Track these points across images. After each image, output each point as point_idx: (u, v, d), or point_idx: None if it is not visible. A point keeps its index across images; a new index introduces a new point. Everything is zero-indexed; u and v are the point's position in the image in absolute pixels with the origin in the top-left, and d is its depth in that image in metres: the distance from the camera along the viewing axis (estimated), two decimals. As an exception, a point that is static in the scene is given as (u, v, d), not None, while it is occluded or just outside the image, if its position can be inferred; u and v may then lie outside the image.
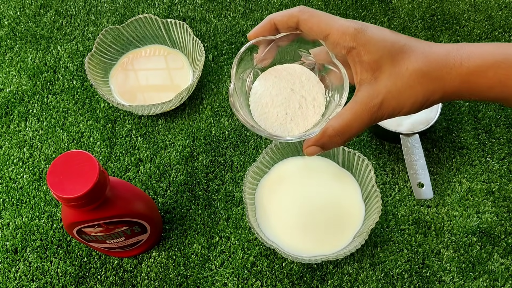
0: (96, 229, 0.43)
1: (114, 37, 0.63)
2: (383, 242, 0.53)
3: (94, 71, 0.61)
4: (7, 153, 0.60)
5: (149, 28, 0.65)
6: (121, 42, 0.65)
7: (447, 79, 0.34)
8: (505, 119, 0.61)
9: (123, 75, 0.64)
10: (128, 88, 0.63)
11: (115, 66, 0.65)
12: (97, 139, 0.61)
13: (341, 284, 0.51)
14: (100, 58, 0.63)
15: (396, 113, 0.36)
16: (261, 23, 0.39)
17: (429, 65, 0.34)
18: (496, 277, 0.51)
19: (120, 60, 0.65)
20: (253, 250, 0.53)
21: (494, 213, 0.54)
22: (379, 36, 0.35)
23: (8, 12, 0.72)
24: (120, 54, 0.66)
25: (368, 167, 0.51)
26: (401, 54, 0.35)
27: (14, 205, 0.56)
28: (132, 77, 0.64)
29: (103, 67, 0.63)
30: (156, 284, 0.52)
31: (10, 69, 0.67)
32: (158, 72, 0.65)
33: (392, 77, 0.35)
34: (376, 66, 0.35)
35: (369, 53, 0.35)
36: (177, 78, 0.64)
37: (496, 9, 0.71)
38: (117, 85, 0.64)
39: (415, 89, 0.35)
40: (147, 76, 0.65)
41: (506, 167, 0.58)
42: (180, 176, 0.58)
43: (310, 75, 0.43)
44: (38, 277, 0.52)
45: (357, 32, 0.35)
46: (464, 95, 0.35)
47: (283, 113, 0.41)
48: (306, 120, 0.41)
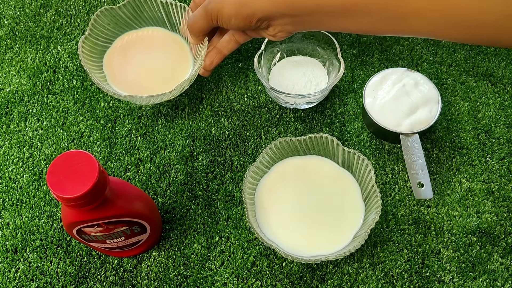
0: (96, 229, 0.43)
1: (110, 18, 0.58)
2: (383, 242, 0.53)
3: (88, 56, 0.56)
4: (7, 153, 0.60)
5: (147, 9, 0.59)
6: (117, 23, 0.59)
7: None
8: (505, 119, 0.61)
9: (118, 60, 0.59)
10: (124, 75, 0.59)
11: (109, 50, 0.59)
12: (97, 139, 0.61)
13: (341, 284, 0.51)
14: (95, 41, 0.57)
15: (221, 12, 0.43)
16: None
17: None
18: (496, 277, 0.51)
19: (115, 43, 0.60)
20: (253, 250, 0.53)
21: (494, 213, 0.54)
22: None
23: (8, 12, 0.72)
24: (115, 36, 0.60)
25: (368, 167, 0.51)
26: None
27: (14, 205, 0.56)
28: (128, 64, 0.59)
29: (98, 51, 0.58)
30: (156, 284, 0.52)
31: (10, 68, 0.67)
32: (156, 58, 0.60)
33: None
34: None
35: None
36: (177, 65, 0.60)
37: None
38: (111, 72, 0.58)
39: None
40: (144, 62, 0.59)
41: (506, 167, 0.58)
42: (180, 176, 0.58)
43: (320, 67, 0.63)
44: (38, 277, 0.52)
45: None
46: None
47: (291, 86, 0.61)
48: None
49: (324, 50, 0.62)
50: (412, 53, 0.67)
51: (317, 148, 0.55)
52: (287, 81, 0.62)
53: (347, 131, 0.61)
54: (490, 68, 0.65)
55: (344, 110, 0.62)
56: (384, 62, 0.66)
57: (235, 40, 0.50)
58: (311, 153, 0.56)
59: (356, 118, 0.62)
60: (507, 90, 0.63)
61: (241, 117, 0.62)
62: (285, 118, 0.62)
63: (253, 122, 0.62)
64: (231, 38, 0.51)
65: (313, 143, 0.54)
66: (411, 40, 0.68)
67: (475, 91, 0.63)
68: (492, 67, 0.65)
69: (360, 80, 0.65)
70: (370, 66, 0.66)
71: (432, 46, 0.68)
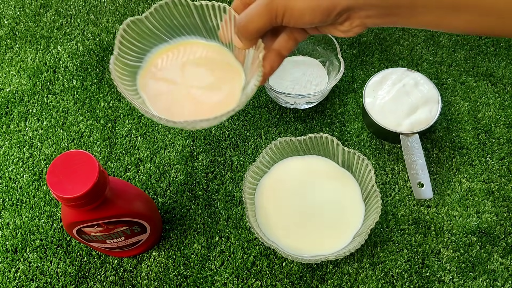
0: (96, 229, 0.43)
1: (138, 31, 0.47)
2: (383, 242, 0.53)
3: (123, 79, 0.46)
4: (7, 153, 0.60)
5: (178, 16, 0.48)
6: (145, 37, 0.48)
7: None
8: (505, 119, 0.61)
9: (155, 81, 0.48)
10: (163, 98, 0.47)
11: (141, 70, 0.48)
12: (97, 139, 0.61)
13: (341, 284, 0.51)
14: (125, 61, 0.46)
15: (290, 8, 0.36)
16: None
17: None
18: (496, 277, 0.51)
19: (147, 61, 0.49)
20: (253, 250, 0.53)
21: (494, 213, 0.54)
22: None
23: (8, 12, 0.72)
24: (144, 52, 0.49)
25: (368, 167, 0.51)
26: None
27: (14, 205, 0.56)
28: (166, 83, 0.48)
29: (129, 72, 0.48)
30: (156, 284, 0.52)
31: (10, 68, 0.67)
32: (197, 73, 0.50)
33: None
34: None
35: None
36: (225, 77, 0.49)
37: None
38: (149, 94, 0.47)
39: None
40: (184, 79, 0.48)
41: (506, 167, 0.58)
42: (180, 176, 0.58)
43: (320, 67, 0.63)
44: (38, 277, 0.52)
45: None
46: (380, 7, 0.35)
47: (291, 86, 0.61)
48: None
49: (324, 50, 0.62)
50: (412, 53, 0.67)
51: (317, 148, 0.55)
52: (287, 81, 0.62)
53: (347, 131, 0.61)
54: (490, 68, 0.65)
55: (344, 110, 0.62)
56: (384, 62, 0.66)
57: (294, 39, 0.43)
58: (311, 153, 0.56)
59: (356, 118, 0.62)
60: (507, 90, 0.63)
61: (241, 117, 0.62)
62: (285, 118, 0.62)
63: (253, 122, 0.62)
64: (289, 37, 0.42)
65: (313, 143, 0.54)
66: (411, 40, 0.68)
67: (475, 91, 0.63)
68: (492, 67, 0.65)
69: (360, 80, 0.65)
70: (370, 66, 0.66)
71: (432, 46, 0.68)
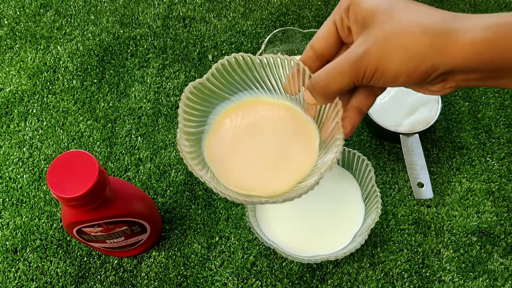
0: (96, 229, 0.43)
1: (199, 95, 0.40)
2: (383, 242, 0.53)
3: (190, 152, 0.38)
4: (7, 153, 0.60)
5: (241, 73, 0.41)
6: (206, 99, 0.41)
7: (458, 42, 0.28)
8: (505, 119, 0.61)
9: (221, 149, 0.40)
10: (231, 169, 0.40)
11: (206, 138, 0.41)
12: (97, 139, 0.61)
13: (341, 284, 0.51)
14: (188, 130, 0.39)
15: (382, 69, 0.31)
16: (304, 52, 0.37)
17: (431, 18, 0.29)
18: (496, 277, 0.51)
19: (209, 123, 0.41)
20: (253, 250, 0.53)
21: (494, 213, 0.54)
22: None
23: (8, 12, 0.72)
24: (206, 115, 0.41)
25: (368, 167, 0.51)
26: (399, 4, 0.31)
27: (14, 205, 0.56)
28: (232, 152, 0.41)
29: (194, 141, 0.40)
30: (156, 284, 0.52)
31: (10, 68, 0.67)
32: (265, 137, 0.41)
33: (383, 24, 0.30)
34: (370, 14, 0.31)
35: (365, 2, 0.32)
36: (296, 138, 0.41)
37: (496, 9, 0.71)
38: (217, 166, 0.40)
39: (405, 38, 0.29)
40: (252, 146, 0.41)
41: (506, 167, 0.58)
42: (180, 176, 0.58)
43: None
44: (38, 277, 0.52)
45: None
46: (480, 68, 0.29)
47: None
48: None
49: None
50: (412, 53, 0.67)
51: (317, 148, 0.55)
52: None
53: (347, 131, 0.61)
54: (490, 68, 0.65)
55: (344, 110, 0.62)
56: (384, 62, 0.66)
57: (374, 94, 0.38)
58: (311, 153, 0.56)
59: (356, 118, 0.62)
60: (507, 90, 0.63)
61: (241, 117, 0.62)
62: (285, 118, 0.62)
63: (253, 122, 0.62)
64: (370, 93, 0.37)
65: (313, 143, 0.54)
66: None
67: (475, 91, 0.63)
68: (492, 67, 0.65)
69: (360, 80, 0.65)
70: (370, 66, 0.66)
71: (432, 46, 0.68)
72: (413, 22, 0.29)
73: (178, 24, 0.71)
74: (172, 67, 0.67)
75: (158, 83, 0.65)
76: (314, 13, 0.72)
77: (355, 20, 0.32)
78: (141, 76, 0.66)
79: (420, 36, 0.29)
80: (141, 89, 0.65)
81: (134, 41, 0.69)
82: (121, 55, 0.68)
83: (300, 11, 0.72)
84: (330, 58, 0.37)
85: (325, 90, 0.34)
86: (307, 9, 0.73)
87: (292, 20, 0.71)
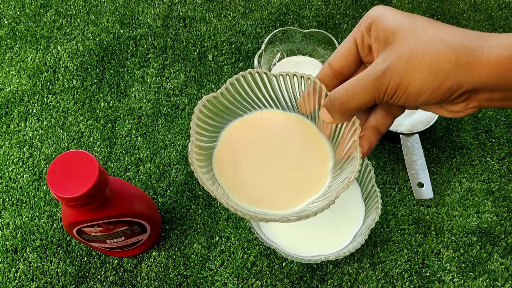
0: (96, 229, 0.43)
1: (213, 110, 0.39)
2: (383, 242, 0.53)
3: (201, 166, 0.37)
4: (7, 153, 0.60)
5: (256, 89, 0.40)
6: (219, 114, 0.40)
7: (483, 60, 0.28)
8: (505, 119, 0.61)
9: (233, 164, 0.40)
10: (241, 185, 0.39)
11: (216, 152, 0.40)
12: (97, 139, 0.61)
13: (341, 284, 0.51)
14: (200, 144, 0.38)
15: (404, 85, 0.30)
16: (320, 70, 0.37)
17: (455, 35, 0.29)
18: (496, 277, 0.51)
19: (220, 139, 0.41)
20: (253, 250, 0.53)
21: (494, 213, 0.54)
22: (398, 12, 0.32)
23: (8, 12, 0.72)
24: (219, 130, 0.41)
25: (368, 167, 0.51)
26: (423, 22, 0.30)
27: (14, 205, 0.56)
28: (244, 167, 0.40)
29: (205, 156, 0.39)
30: (156, 284, 0.52)
31: (10, 68, 0.67)
32: (278, 153, 0.40)
33: (406, 41, 0.30)
34: (392, 32, 0.31)
35: (387, 20, 0.31)
36: (310, 156, 0.40)
37: (496, 9, 0.71)
38: (227, 181, 0.39)
39: (430, 55, 0.29)
40: (264, 161, 0.40)
41: (506, 167, 0.58)
42: (180, 176, 0.58)
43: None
44: (38, 277, 0.52)
45: (377, 9, 0.33)
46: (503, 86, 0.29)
47: None
48: None
49: (324, 50, 0.62)
50: (412, 53, 0.67)
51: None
52: None
53: (347, 131, 0.61)
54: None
55: (344, 110, 0.62)
56: (384, 62, 0.66)
57: (392, 115, 0.37)
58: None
59: (356, 118, 0.62)
60: (507, 90, 0.63)
61: (241, 117, 0.62)
62: (285, 118, 0.62)
63: (253, 122, 0.62)
64: (388, 113, 0.36)
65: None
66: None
67: (475, 91, 0.63)
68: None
69: (360, 80, 0.65)
70: (370, 66, 0.66)
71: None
72: (438, 39, 0.29)
73: (178, 24, 0.71)
74: (172, 67, 0.67)
75: (158, 83, 0.65)
76: (314, 13, 0.72)
77: (376, 38, 0.32)
78: (141, 76, 0.66)
79: (445, 53, 0.29)
80: (141, 89, 0.65)
81: (134, 41, 0.69)
82: (121, 55, 0.68)
83: (300, 11, 0.72)
84: (347, 77, 0.36)
85: (344, 106, 0.33)
86: (307, 9, 0.73)
87: (292, 20, 0.71)
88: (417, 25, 0.30)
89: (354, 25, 0.70)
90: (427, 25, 0.30)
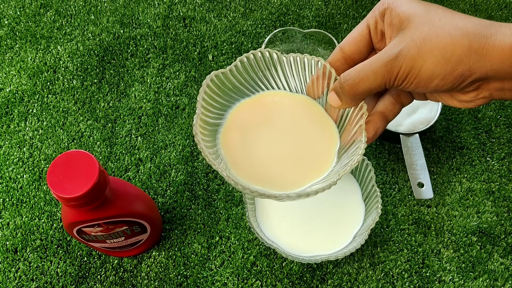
0: (96, 229, 0.43)
1: (220, 86, 0.40)
2: (383, 242, 0.53)
3: (205, 140, 0.37)
4: (7, 152, 0.60)
5: (265, 69, 0.41)
6: (227, 92, 0.41)
7: (497, 46, 0.28)
8: (505, 119, 0.61)
9: (237, 141, 0.40)
10: (246, 162, 0.39)
11: (222, 128, 0.40)
12: (97, 139, 0.61)
13: (341, 284, 0.51)
14: (206, 120, 0.38)
15: (416, 69, 0.30)
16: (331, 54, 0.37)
17: (469, 22, 0.29)
18: (496, 277, 0.51)
19: (227, 117, 0.41)
20: (253, 250, 0.53)
21: (494, 213, 0.54)
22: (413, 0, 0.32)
23: (8, 12, 0.72)
24: (225, 108, 0.41)
25: (368, 167, 0.51)
26: (437, 9, 0.31)
27: (14, 205, 0.56)
28: (250, 145, 0.40)
29: (210, 131, 0.39)
30: (156, 284, 0.52)
31: (10, 68, 0.67)
32: (285, 133, 0.40)
33: (420, 26, 0.30)
34: (406, 18, 0.31)
35: (402, 6, 0.32)
36: (317, 139, 0.40)
37: (496, 9, 0.71)
38: (231, 157, 0.39)
39: (443, 39, 0.29)
40: (270, 140, 0.40)
41: (506, 167, 0.58)
42: (180, 176, 0.58)
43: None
44: (38, 276, 0.52)
45: None
46: None
47: None
48: None
49: (325, 50, 0.62)
50: (412, 53, 0.67)
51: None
52: None
53: (347, 131, 0.61)
54: (490, 68, 0.65)
55: (344, 110, 0.62)
56: (384, 62, 0.66)
57: (400, 103, 0.37)
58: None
59: (356, 118, 0.62)
60: (507, 90, 0.63)
61: (241, 117, 0.62)
62: (285, 118, 0.62)
63: (253, 122, 0.62)
64: (396, 100, 0.36)
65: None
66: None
67: (475, 91, 0.63)
68: (492, 67, 0.65)
69: (360, 80, 0.65)
70: (370, 66, 0.66)
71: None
72: (452, 25, 0.29)
73: (178, 24, 0.71)
74: (172, 67, 0.67)
75: (158, 83, 0.65)
76: (314, 13, 0.72)
77: (390, 23, 0.32)
78: (141, 76, 0.66)
79: (459, 38, 0.29)
80: (141, 89, 0.65)
81: (134, 41, 0.69)
82: (121, 55, 0.68)
83: (300, 11, 0.72)
84: (358, 63, 0.35)
85: (354, 89, 0.33)
86: (307, 9, 0.73)
87: (292, 20, 0.71)
88: (431, 12, 0.30)
89: (355, 25, 0.70)
90: (442, 13, 0.30)
